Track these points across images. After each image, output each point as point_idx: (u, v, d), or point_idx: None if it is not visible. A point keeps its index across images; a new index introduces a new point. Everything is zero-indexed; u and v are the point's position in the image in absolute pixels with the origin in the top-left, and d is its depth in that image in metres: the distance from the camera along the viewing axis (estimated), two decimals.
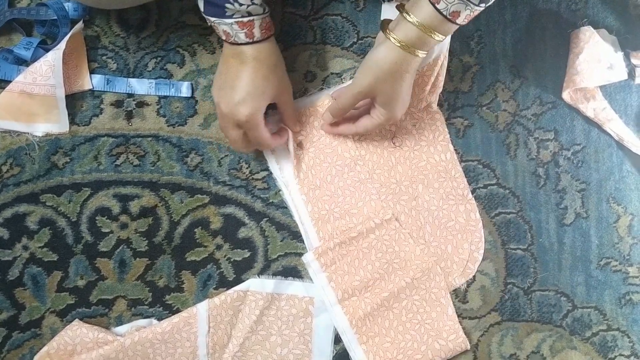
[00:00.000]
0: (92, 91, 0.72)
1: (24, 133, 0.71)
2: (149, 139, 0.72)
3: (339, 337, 0.70)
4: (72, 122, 0.71)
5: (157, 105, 0.72)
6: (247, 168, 0.72)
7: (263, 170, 0.72)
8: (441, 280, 0.71)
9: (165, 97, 0.72)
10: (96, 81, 0.72)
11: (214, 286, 0.71)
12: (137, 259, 0.71)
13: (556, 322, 0.72)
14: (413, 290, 0.70)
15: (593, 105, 0.73)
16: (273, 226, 0.72)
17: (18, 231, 0.70)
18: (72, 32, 0.69)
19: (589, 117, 0.73)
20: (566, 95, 0.73)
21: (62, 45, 0.68)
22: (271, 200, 0.72)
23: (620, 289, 0.73)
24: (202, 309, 0.69)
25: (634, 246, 0.73)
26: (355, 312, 0.69)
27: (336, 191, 0.71)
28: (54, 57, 0.68)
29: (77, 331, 0.68)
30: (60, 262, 0.70)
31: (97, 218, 0.71)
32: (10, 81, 0.69)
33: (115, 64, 0.72)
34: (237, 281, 0.71)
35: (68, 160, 0.71)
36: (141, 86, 0.72)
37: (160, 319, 0.70)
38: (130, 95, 0.72)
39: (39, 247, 0.70)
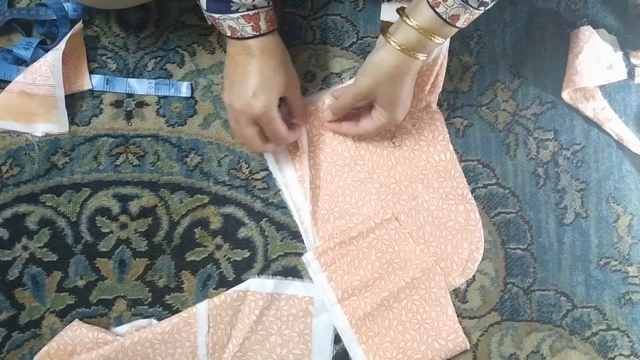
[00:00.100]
0: (92, 91, 0.72)
1: (24, 133, 0.71)
2: (149, 139, 0.72)
3: (339, 337, 0.70)
4: (72, 122, 0.71)
5: (157, 105, 0.72)
6: (247, 168, 0.72)
7: (263, 170, 0.72)
8: (441, 280, 0.71)
9: (164, 97, 0.72)
10: (96, 81, 0.72)
11: (214, 286, 0.71)
12: (137, 259, 0.71)
13: (556, 322, 0.72)
14: (413, 290, 0.70)
15: (592, 105, 0.73)
16: (273, 226, 0.72)
17: (18, 231, 0.70)
18: (72, 32, 0.69)
19: (589, 117, 0.73)
20: (566, 95, 0.73)
21: (62, 45, 0.68)
22: (271, 200, 0.72)
23: (619, 289, 0.73)
24: (202, 309, 0.69)
25: (634, 246, 0.73)
26: (355, 312, 0.69)
27: (336, 191, 0.71)
28: (54, 57, 0.68)
29: (77, 331, 0.68)
30: (60, 262, 0.70)
31: (97, 218, 0.71)
32: (9, 81, 0.69)
33: (114, 64, 0.72)
34: (237, 281, 0.71)
35: (68, 160, 0.71)
36: (141, 86, 0.72)
37: (160, 319, 0.70)
38: (129, 95, 0.72)
39: (39, 247, 0.70)
